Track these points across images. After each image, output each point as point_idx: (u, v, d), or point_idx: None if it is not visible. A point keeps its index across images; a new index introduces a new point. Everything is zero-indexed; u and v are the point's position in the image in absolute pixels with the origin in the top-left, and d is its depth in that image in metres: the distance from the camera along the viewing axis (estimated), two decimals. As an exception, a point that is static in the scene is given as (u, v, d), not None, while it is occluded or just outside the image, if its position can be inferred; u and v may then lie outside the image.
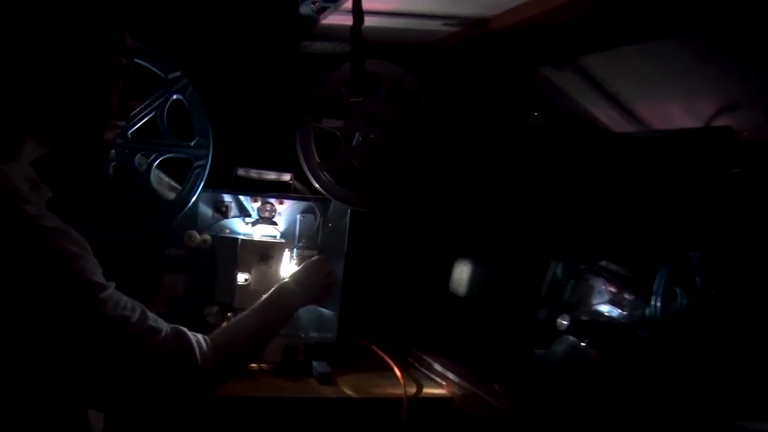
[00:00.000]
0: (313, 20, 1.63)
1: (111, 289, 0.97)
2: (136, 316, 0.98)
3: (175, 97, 1.67)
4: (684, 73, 1.56)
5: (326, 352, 1.81)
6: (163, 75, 1.67)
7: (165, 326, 1.03)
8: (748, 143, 1.58)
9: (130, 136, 1.64)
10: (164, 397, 1.02)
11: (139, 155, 1.66)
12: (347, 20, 1.46)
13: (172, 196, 1.70)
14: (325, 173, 1.78)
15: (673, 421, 1.45)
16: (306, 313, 1.77)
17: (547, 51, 1.74)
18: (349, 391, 1.67)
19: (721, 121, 1.59)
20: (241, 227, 1.77)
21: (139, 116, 1.64)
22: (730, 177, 1.64)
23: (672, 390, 1.52)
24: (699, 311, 1.57)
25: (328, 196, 1.78)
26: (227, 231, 1.76)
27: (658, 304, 1.58)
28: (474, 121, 2.10)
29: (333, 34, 1.72)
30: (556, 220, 1.97)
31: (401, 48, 1.84)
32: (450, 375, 1.73)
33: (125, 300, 0.99)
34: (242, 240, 1.70)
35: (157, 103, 1.66)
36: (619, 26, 1.46)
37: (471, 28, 1.64)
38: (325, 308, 1.80)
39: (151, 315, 1.02)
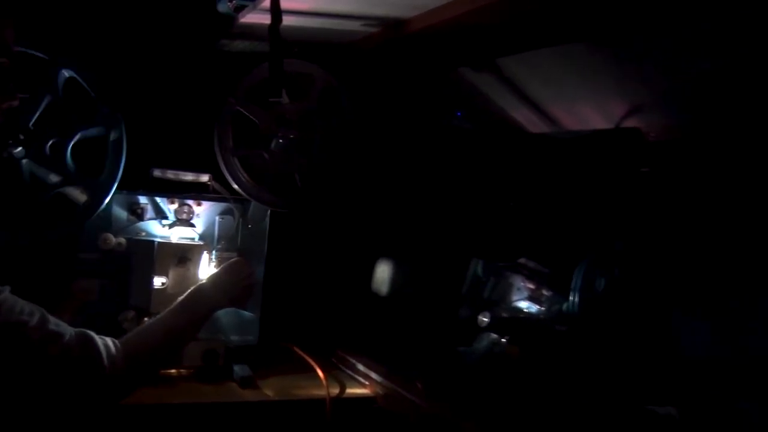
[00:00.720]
0: (231, 18, 1.61)
1: (5, 294, 0.93)
2: (34, 320, 0.94)
3: (66, 74, 1.59)
4: (595, 76, 1.61)
5: (247, 355, 1.78)
6: (47, 57, 1.58)
7: (68, 330, 1.00)
8: (654, 144, 1.65)
9: (32, 128, 1.56)
10: (70, 403, 0.98)
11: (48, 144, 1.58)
12: (266, 19, 1.44)
13: (83, 198, 1.63)
14: (245, 174, 1.75)
15: (590, 408, 1.50)
16: (226, 315, 1.74)
17: (466, 52, 1.77)
18: (271, 394, 1.65)
19: (630, 123, 1.65)
20: (157, 229, 1.73)
21: (34, 105, 1.56)
22: (638, 176, 1.71)
23: (589, 380, 1.57)
24: (614, 304, 1.63)
25: (247, 197, 1.75)
26: (143, 233, 1.71)
27: (576, 299, 1.63)
28: (394, 122, 2.11)
29: (252, 32, 1.69)
30: (477, 218, 2.00)
31: (322, 48, 1.83)
32: (373, 374, 1.74)
33: (22, 304, 0.95)
34: (159, 243, 1.66)
35: (49, 86, 1.57)
36: (533, 29, 1.50)
37: (390, 29, 1.64)
38: (245, 310, 1.77)
39: (52, 319, 0.98)
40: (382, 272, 1.92)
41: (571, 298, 1.64)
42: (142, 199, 1.71)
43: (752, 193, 1.49)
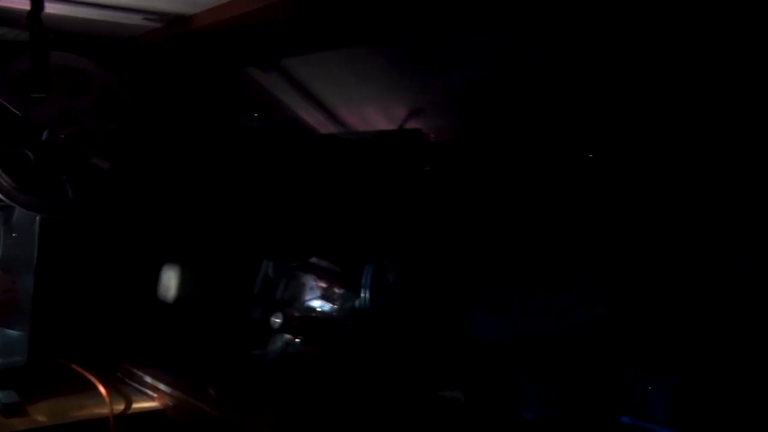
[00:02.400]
0: (-15, 1, 1.45)
1: None
2: None
3: None
4: (379, 78, 1.68)
5: (14, 379, 1.62)
6: None
7: None
8: (435, 144, 1.75)
9: None
10: None
11: None
12: (27, 4, 1.32)
13: None
14: (6, 177, 1.58)
15: (383, 399, 1.55)
16: (-14, 335, 1.57)
17: (252, 52, 1.75)
18: (44, 419, 1.51)
19: (412, 124, 1.74)
20: None
21: None
22: (421, 174, 1.81)
23: (382, 371, 1.63)
24: (403, 298, 1.71)
25: (8, 201, 1.58)
26: None
27: (367, 295, 1.68)
28: (181, 121, 2.03)
29: (11, 18, 1.54)
30: (267, 220, 1.99)
31: (101, 42, 1.72)
32: (161, 386, 1.66)
33: None
34: None
35: None
36: (317, 30, 1.53)
37: (173, 25, 1.59)
38: (9, 329, 1.61)
39: None
40: (168, 278, 1.84)
41: (362, 294, 1.69)
42: None
43: (528, 190, 1.64)
